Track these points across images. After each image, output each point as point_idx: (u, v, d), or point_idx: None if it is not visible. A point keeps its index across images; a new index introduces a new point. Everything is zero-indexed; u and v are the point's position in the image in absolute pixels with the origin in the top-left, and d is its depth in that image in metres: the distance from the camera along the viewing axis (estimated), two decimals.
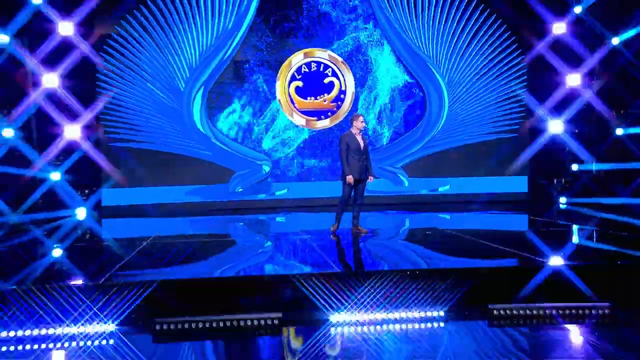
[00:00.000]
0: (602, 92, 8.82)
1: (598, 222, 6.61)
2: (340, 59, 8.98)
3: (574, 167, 9.26)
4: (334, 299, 3.40)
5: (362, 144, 5.38)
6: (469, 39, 9.04)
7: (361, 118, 5.45)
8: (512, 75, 9.19)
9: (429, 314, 3.45)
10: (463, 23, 8.97)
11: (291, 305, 3.46)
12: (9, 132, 7.43)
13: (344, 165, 5.31)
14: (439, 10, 8.91)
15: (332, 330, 3.26)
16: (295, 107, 8.90)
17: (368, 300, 3.44)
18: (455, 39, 9.03)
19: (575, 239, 5.93)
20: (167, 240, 6.02)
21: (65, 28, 7.70)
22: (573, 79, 8.87)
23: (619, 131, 8.70)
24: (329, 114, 9.01)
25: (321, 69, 8.97)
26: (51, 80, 7.68)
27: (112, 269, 3.98)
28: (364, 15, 8.98)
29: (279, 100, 8.86)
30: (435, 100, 9.15)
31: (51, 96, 7.70)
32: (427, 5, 8.88)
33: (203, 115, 8.59)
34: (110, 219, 7.91)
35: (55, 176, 7.77)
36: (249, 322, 3.21)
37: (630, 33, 8.21)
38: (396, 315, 3.42)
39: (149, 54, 8.21)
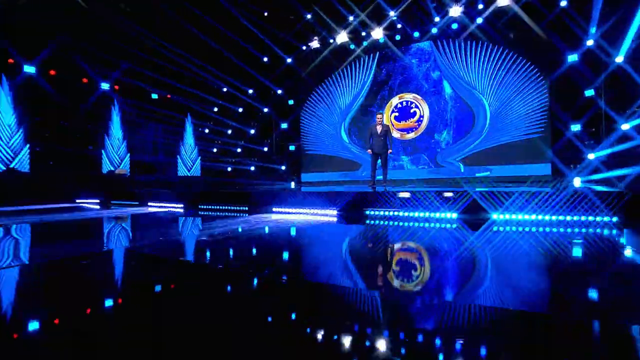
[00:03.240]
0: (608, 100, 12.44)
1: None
2: (419, 97, 15.42)
3: (590, 156, 12.83)
4: None
5: (379, 131, 9.06)
6: (505, 72, 13.95)
7: (379, 115, 9.24)
8: (536, 93, 13.53)
9: None
10: (500, 62, 13.97)
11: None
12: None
13: (366, 143, 9.32)
14: (481, 58, 14.22)
15: None
16: (394, 127, 15.85)
17: None
18: (495, 73, 14.09)
19: None
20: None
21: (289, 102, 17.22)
22: (587, 93, 12.78)
23: (625, 126, 12.17)
24: (414, 130, 15.53)
25: (408, 104, 15.62)
26: (283, 124, 17.23)
27: None
28: (432, 69, 15.17)
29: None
30: (482, 116, 14.38)
31: (281, 131, 17.24)
32: (472, 55, 14.35)
33: (346, 135, 16.61)
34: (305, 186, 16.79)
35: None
36: None
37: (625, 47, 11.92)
38: None
39: (323, 106, 16.87)
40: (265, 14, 14.56)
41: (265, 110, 17.15)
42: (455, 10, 14.12)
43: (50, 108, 13.70)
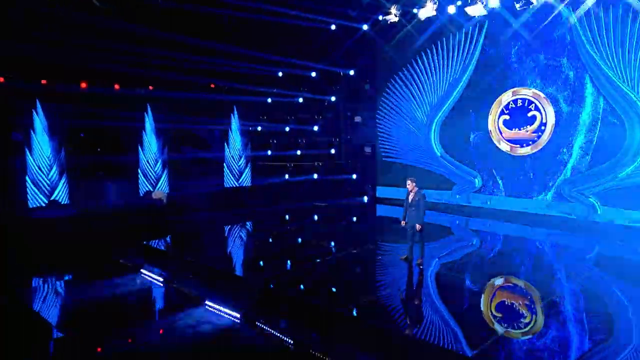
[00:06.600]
0: None
1: None
2: (542, 94, 10.55)
3: None
4: None
5: (410, 199, 7.05)
6: None
7: (408, 181, 7.10)
8: None
9: None
10: None
11: None
12: (332, 151, 14.11)
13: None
14: None
15: None
16: (502, 136, 11.33)
17: None
18: None
19: None
20: None
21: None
22: None
23: None
24: (530, 142, 10.87)
25: (525, 104, 10.87)
26: (356, 118, 13.67)
27: None
28: (567, 54, 10.05)
29: (490, 131, 11.51)
30: (637, 131, 9.22)
31: (353, 128, 13.72)
32: (634, 38, 8.99)
33: (436, 140, 12.51)
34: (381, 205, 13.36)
35: (354, 176, 13.99)
36: None
37: None
38: None
39: (407, 99, 12.95)
40: None
41: (333, 99, 13.63)
42: None
43: None
